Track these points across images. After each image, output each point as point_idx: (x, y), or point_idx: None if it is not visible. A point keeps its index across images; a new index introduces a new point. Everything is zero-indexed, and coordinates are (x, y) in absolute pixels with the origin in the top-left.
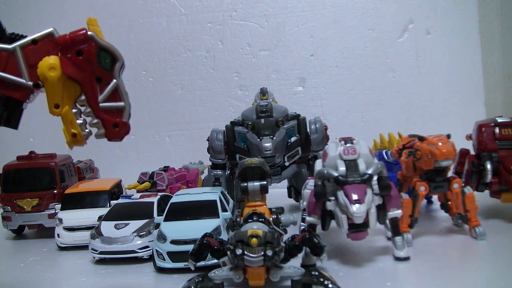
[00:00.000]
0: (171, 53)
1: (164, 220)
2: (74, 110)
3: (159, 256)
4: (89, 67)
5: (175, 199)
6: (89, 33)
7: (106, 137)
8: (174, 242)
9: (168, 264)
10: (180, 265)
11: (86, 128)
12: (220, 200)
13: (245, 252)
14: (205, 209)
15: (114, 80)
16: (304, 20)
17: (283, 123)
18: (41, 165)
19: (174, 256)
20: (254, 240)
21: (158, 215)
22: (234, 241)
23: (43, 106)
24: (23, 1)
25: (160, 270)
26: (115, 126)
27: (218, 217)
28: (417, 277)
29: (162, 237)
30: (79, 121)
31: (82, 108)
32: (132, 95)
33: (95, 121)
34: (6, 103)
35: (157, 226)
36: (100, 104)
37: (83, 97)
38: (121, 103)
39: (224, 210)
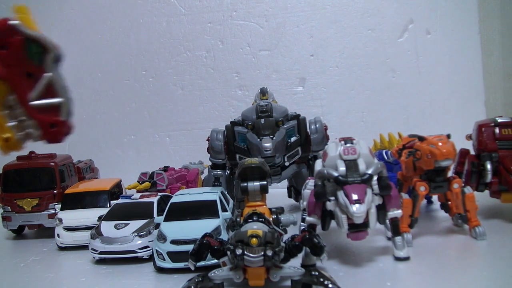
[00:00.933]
0: (171, 53)
1: (164, 220)
2: (4, 112)
3: (159, 256)
4: (16, 61)
5: (175, 199)
6: (12, 22)
7: (44, 139)
8: (174, 242)
9: (168, 264)
10: (180, 265)
11: (22, 131)
12: (220, 200)
13: (245, 252)
14: (205, 209)
15: (48, 74)
16: (304, 20)
17: (283, 123)
18: (41, 165)
19: (174, 256)
20: (254, 240)
21: (158, 215)
22: (234, 241)
23: None
24: (23, 1)
25: (160, 270)
26: (53, 126)
27: (218, 217)
28: (417, 277)
29: (162, 237)
30: (11, 124)
31: (14, 109)
32: (132, 95)
33: (29, 122)
34: None
35: (157, 226)
36: (32, 103)
37: (13, 96)
38: (58, 100)
39: (224, 210)
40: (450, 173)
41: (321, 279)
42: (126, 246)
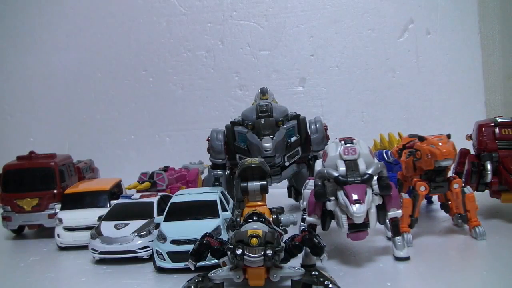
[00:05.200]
0: (171, 53)
1: (164, 220)
2: None
3: (159, 256)
4: None
5: (175, 199)
6: None
7: None
8: (174, 242)
9: (168, 264)
10: (180, 265)
11: None
12: (220, 200)
13: (245, 252)
14: (205, 209)
15: None
16: (304, 20)
17: (283, 123)
18: (41, 165)
19: (174, 256)
20: (254, 240)
21: (158, 215)
22: (234, 241)
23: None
24: (23, 1)
25: (160, 270)
26: None
27: (218, 217)
28: (417, 277)
29: (162, 237)
30: None
31: None
32: (132, 95)
33: None
34: None
35: (157, 226)
36: None
37: None
38: None
39: (224, 210)
40: (450, 173)
41: (321, 279)
42: (126, 246)
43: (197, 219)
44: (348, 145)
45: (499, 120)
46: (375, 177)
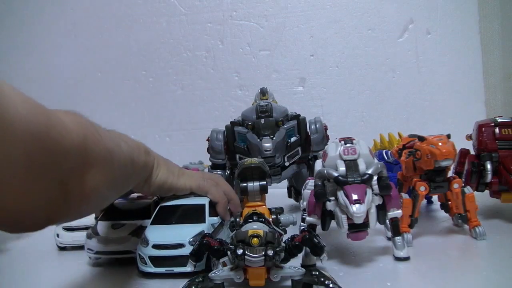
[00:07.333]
0: (171, 53)
1: (151, 224)
2: None
3: (141, 260)
4: None
5: (165, 201)
6: None
7: None
8: (155, 246)
9: (150, 268)
10: (162, 270)
11: None
12: (211, 204)
13: (246, 252)
14: (192, 214)
15: None
16: (304, 20)
17: (283, 123)
18: None
19: (155, 260)
20: (255, 240)
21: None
22: (235, 241)
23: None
24: (23, 1)
25: (144, 274)
26: None
27: (204, 222)
28: (417, 277)
29: (145, 241)
30: None
31: None
32: (132, 95)
33: None
34: None
35: None
36: None
37: None
38: None
39: (214, 214)
40: (450, 173)
41: (322, 279)
42: (123, 246)
43: (183, 223)
44: (348, 145)
45: (499, 120)
46: (375, 177)
